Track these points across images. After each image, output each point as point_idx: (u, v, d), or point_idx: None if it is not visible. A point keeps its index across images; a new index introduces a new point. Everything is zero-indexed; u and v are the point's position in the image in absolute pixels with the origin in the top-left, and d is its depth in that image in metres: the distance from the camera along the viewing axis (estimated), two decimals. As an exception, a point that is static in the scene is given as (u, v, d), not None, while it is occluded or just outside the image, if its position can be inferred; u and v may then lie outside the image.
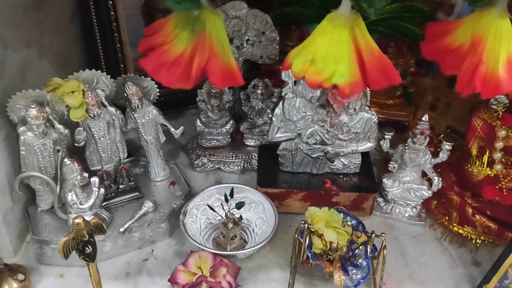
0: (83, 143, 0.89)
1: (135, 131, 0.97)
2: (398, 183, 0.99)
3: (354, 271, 0.80)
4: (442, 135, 1.09)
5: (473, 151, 0.96)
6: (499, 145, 0.91)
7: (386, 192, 1.01)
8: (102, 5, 1.06)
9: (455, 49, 0.64)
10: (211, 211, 0.93)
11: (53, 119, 0.83)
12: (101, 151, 0.92)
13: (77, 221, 0.58)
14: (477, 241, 0.95)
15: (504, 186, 0.92)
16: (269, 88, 1.09)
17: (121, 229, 0.89)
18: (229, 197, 0.90)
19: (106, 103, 0.89)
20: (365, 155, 1.01)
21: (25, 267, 0.84)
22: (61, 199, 0.88)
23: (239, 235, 0.91)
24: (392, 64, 0.63)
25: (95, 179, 0.86)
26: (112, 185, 0.95)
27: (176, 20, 0.61)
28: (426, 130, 0.93)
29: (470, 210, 0.96)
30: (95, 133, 0.89)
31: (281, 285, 0.87)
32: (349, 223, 0.86)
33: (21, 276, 0.81)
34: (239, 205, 0.91)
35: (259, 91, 1.08)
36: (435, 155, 0.96)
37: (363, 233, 0.83)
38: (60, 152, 0.85)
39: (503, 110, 0.91)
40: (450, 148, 0.94)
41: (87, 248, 0.61)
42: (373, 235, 0.82)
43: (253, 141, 1.14)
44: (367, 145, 0.96)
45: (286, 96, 0.91)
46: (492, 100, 0.92)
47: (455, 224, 0.98)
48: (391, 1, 0.66)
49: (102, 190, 0.88)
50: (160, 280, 0.87)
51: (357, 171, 1.01)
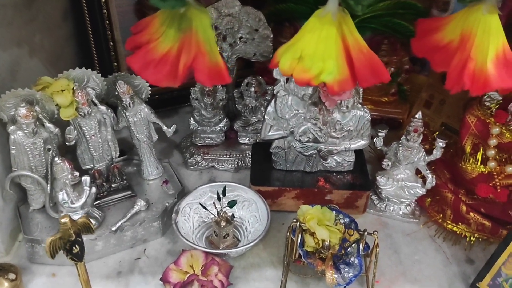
0: (74, 142, 0.89)
1: (127, 129, 0.97)
2: (392, 180, 0.99)
3: (346, 269, 0.80)
4: (437, 133, 1.09)
5: (467, 148, 0.95)
6: (492, 142, 0.91)
7: (380, 190, 1.00)
8: (94, 3, 1.06)
9: (445, 45, 0.64)
10: (204, 209, 0.92)
11: (43, 118, 0.82)
12: (92, 150, 0.92)
13: (63, 220, 0.58)
14: (471, 238, 0.95)
15: (498, 183, 0.92)
16: (262, 86, 1.09)
17: (113, 228, 0.88)
18: (221, 196, 0.90)
19: (96, 101, 0.88)
20: (358, 152, 1.01)
21: (16, 266, 0.84)
22: (52, 198, 0.87)
23: (232, 234, 0.91)
24: (381, 61, 0.62)
25: (86, 178, 0.86)
26: (104, 184, 0.95)
27: (162, 17, 0.61)
28: (419, 128, 0.93)
29: (464, 208, 0.95)
30: (86, 132, 0.89)
31: (274, 284, 0.86)
32: (341, 221, 0.86)
33: (12, 276, 0.81)
34: (232, 204, 0.90)
35: (252, 89, 1.08)
36: (429, 152, 0.95)
37: (355, 231, 0.83)
38: (51, 151, 0.85)
39: (496, 107, 0.91)
40: (444, 145, 0.93)
41: (74, 247, 0.60)
42: (366, 233, 0.81)
43: (247, 139, 1.14)
44: (360, 143, 0.96)
45: (278, 94, 0.90)
46: (485, 96, 0.92)
47: (449, 222, 0.97)
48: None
49: (94, 189, 0.87)
50: (152, 279, 0.87)
51: (351, 169, 1.00)
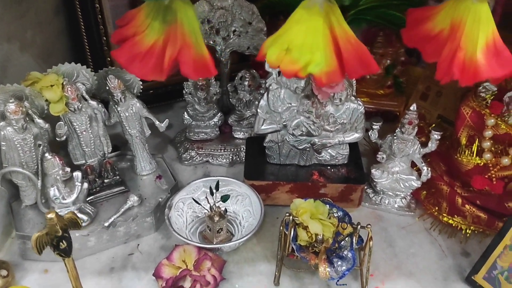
0: (64, 137, 0.88)
1: (120, 125, 0.96)
2: (387, 173, 0.98)
3: (340, 262, 0.80)
4: (433, 125, 1.08)
5: (462, 140, 0.94)
6: (488, 133, 0.90)
7: (375, 183, 0.99)
8: (87, -3, 1.05)
9: (436, 35, 0.62)
10: (198, 204, 0.92)
11: (32, 113, 0.81)
12: (84, 145, 0.91)
13: (49, 216, 0.57)
14: (467, 231, 0.94)
15: (493, 175, 0.91)
16: (256, 80, 1.08)
17: (106, 224, 0.88)
18: (214, 190, 0.89)
19: (87, 96, 0.87)
20: (353, 146, 1.00)
21: (8, 263, 0.84)
22: (44, 194, 0.87)
23: (226, 228, 0.90)
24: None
25: (77, 174, 0.85)
26: (97, 179, 0.94)
27: (147, 9, 0.60)
28: (414, 120, 0.92)
29: (460, 200, 0.94)
30: (77, 127, 0.88)
31: (267, 278, 0.86)
32: (335, 215, 0.85)
33: (4, 272, 0.81)
34: (224, 198, 0.90)
35: (246, 82, 1.07)
36: (426, 145, 0.94)
37: (349, 225, 0.82)
38: (41, 147, 0.84)
39: (492, 97, 0.90)
40: (439, 137, 0.92)
41: (61, 243, 0.60)
42: (359, 226, 0.80)
43: (242, 133, 1.13)
44: (354, 136, 0.95)
45: (271, 87, 0.89)
46: (480, 87, 0.91)
47: (444, 215, 0.96)
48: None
49: (86, 185, 0.87)
50: (145, 275, 0.86)
51: (345, 162, 0.99)
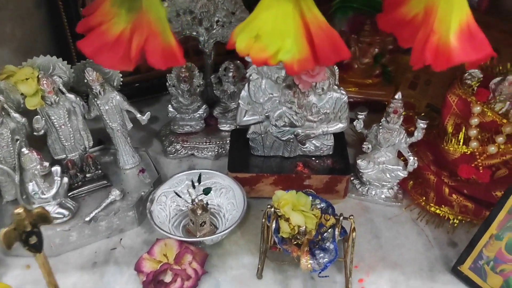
0: (42, 131, 0.87)
1: (103, 118, 0.95)
2: (373, 164, 0.96)
3: (322, 254, 0.78)
4: (422, 114, 1.06)
5: (448, 128, 0.93)
6: (474, 121, 0.88)
7: (361, 174, 0.98)
8: (68, -12, 1.03)
9: (410, 20, 0.61)
10: (180, 198, 0.91)
11: (8, 108, 0.80)
12: (63, 139, 0.90)
13: (17, 211, 0.56)
14: (455, 221, 0.93)
15: (480, 164, 0.90)
16: (240, 71, 1.06)
17: (87, 218, 0.87)
18: (196, 183, 0.88)
19: (64, 90, 0.86)
20: (339, 136, 0.98)
21: (-12, 259, 0.84)
22: (24, 190, 0.86)
23: (209, 222, 0.89)
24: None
25: (56, 168, 0.84)
26: (78, 174, 0.93)
27: (113, -2, 0.58)
28: (399, 109, 0.90)
29: (447, 190, 0.93)
30: (55, 121, 0.87)
31: (250, 271, 0.85)
32: (318, 206, 0.83)
33: (-16, 268, 0.80)
34: (206, 191, 0.89)
35: (230, 74, 1.05)
36: (413, 134, 0.92)
37: (331, 216, 0.81)
38: (19, 142, 0.83)
39: (477, 84, 0.88)
40: (425, 126, 0.90)
41: (31, 238, 0.59)
42: (341, 217, 0.79)
43: (228, 125, 1.11)
44: (338, 126, 0.93)
45: (251, 77, 0.88)
46: (466, 74, 0.89)
47: (432, 205, 0.95)
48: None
49: (66, 179, 0.86)
50: (127, 270, 0.85)
51: (330, 153, 0.98)
